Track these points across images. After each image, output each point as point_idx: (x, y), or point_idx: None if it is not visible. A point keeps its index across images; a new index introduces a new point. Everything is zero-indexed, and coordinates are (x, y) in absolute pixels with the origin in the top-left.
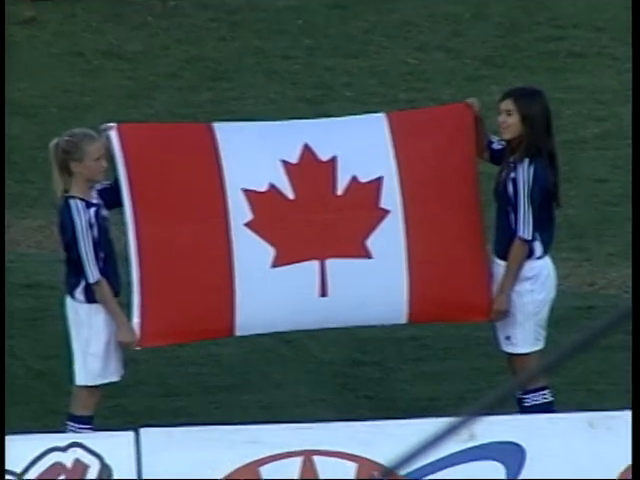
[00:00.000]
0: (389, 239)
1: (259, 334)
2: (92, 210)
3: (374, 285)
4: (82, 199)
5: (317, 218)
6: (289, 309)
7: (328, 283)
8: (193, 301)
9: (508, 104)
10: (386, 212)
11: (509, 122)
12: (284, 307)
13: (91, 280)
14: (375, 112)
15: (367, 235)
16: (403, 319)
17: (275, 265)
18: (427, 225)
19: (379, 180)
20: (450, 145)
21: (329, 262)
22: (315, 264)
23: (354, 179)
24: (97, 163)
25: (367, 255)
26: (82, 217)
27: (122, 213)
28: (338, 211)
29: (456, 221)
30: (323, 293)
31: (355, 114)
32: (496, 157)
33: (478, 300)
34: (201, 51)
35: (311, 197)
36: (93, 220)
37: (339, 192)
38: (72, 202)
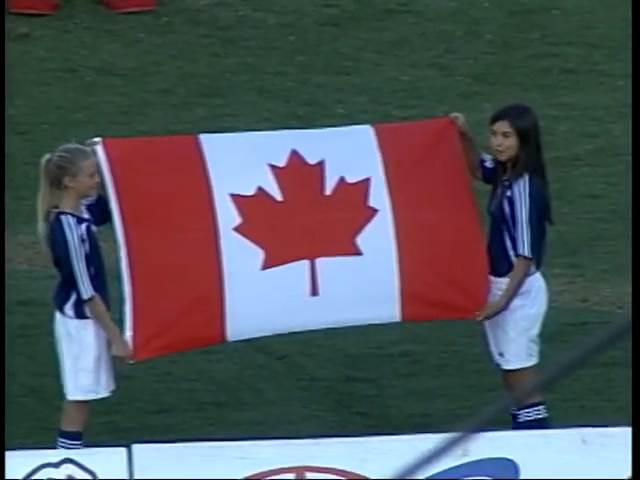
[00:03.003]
0: (379, 236)
1: (252, 351)
2: (84, 226)
3: (366, 282)
4: (73, 215)
5: (306, 218)
6: (280, 310)
7: (318, 282)
8: (184, 310)
9: (504, 126)
10: (375, 211)
11: (507, 144)
12: (275, 309)
13: (85, 296)
14: None
15: (357, 232)
16: (396, 317)
17: (265, 267)
18: (416, 226)
19: (367, 181)
20: (435, 156)
21: (319, 261)
22: (305, 263)
23: (342, 180)
24: (91, 179)
25: (357, 252)
26: (74, 233)
27: (110, 228)
28: (327, 211)
29: (447, 223)
30: (314, 292)
31: None
32: (489, 176)
33: (470, 298)
34: (194, 68)
35: (300, 198)
36: (85, 236)
37: (327, 192)
38: (64, 218)
